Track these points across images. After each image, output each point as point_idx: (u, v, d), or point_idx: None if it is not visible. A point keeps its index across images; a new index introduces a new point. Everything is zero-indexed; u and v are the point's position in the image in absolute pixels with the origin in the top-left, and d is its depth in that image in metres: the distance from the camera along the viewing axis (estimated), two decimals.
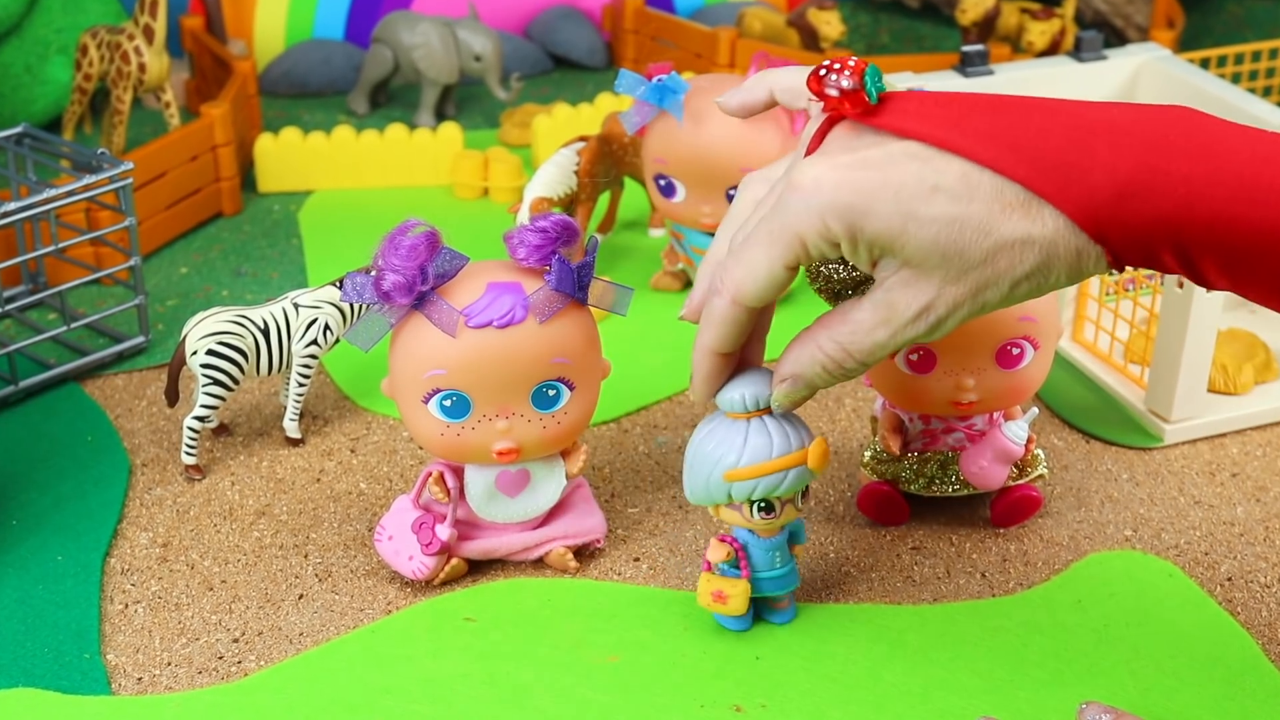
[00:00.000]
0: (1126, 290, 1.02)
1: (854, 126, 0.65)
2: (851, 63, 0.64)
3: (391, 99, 1.42)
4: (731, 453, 0.73)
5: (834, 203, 0.63)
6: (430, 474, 0.80)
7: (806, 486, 0.75)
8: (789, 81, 0.74)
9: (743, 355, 0.73)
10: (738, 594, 0.76)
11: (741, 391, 0.72)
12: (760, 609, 0.79)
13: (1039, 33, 1.40)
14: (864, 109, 0.64)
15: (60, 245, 1.01)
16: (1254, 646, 0.78)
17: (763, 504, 0.74)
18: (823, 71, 0.65)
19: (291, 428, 0.94)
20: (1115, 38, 1.52)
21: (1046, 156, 0.62)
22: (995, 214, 0.62)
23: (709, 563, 0.77)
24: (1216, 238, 0.60)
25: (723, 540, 0.76)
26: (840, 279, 0.74)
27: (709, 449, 0.73)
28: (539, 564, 0.84)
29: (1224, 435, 0.95)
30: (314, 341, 0.91)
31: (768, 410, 0.73)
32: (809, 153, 0.66)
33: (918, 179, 0.62)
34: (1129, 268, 0.64)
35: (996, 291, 0.64)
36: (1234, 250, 0.60)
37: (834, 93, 0.64)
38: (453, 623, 0.79)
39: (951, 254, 0.63)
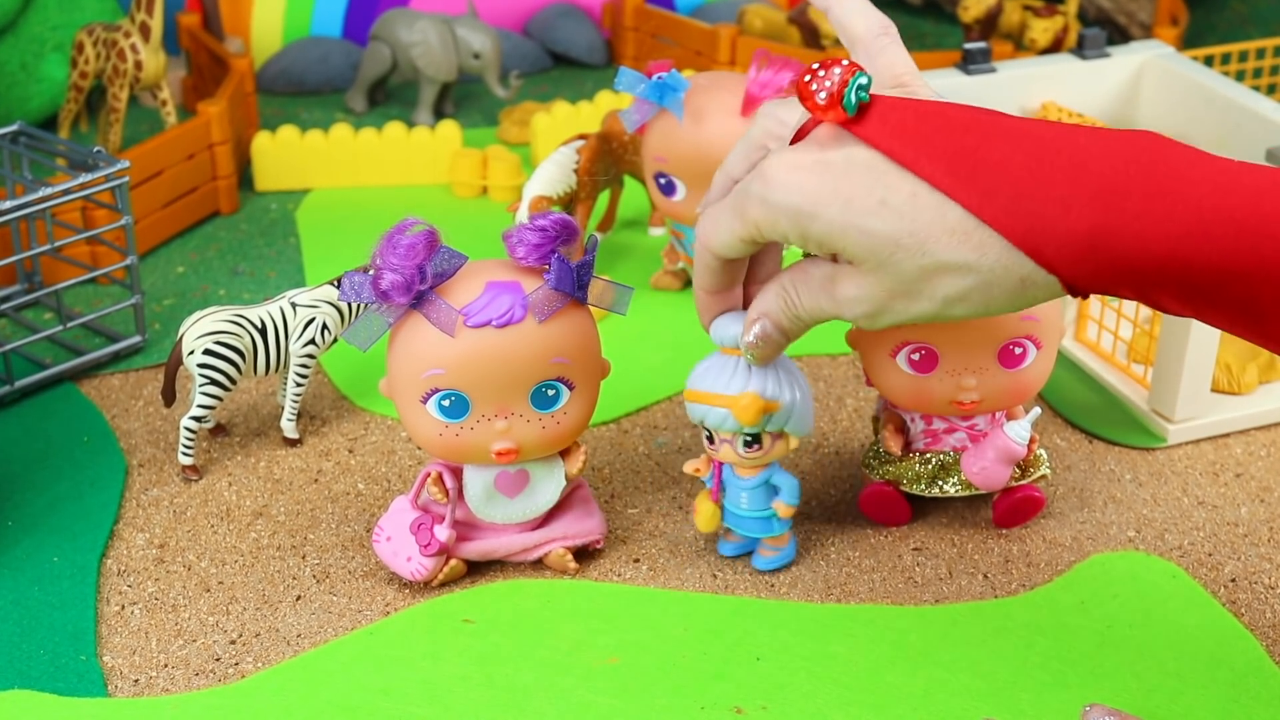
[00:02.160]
0: None
1: (835, 126, 0.67)
2: (837, 71, 0.66)
3: (389, 97, 1.42)
4: (695, 373, 0.78)
5: (785, 202, 0.66)
6: (429, 474, 0.80)
7: (754, 437, 0.78)
8: (854, 27, 0.74)
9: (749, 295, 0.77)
10: (703, 511, 0.81)
11: (726, 329, 0.76)
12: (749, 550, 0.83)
13: (1042, 30, 1.40)
14: (843, 119, 0.66)
15: (56, 244, 1.00)
16: (1258, 648, 0.77)
17: (707, 432, 0.79)
18: (807, 77, 0.66)
19: (289, 428, 0.93)
20: (1118, 35, 1.51)
21: (1002, 187, 0.63)
22: (935, 236, 0.64)
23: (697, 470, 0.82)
24: (1171, 272, 0.61)
25: (710, 461, 0.81)
26: None
27: (695, 367, 0.79)
28: (538, 565, 0.83)
29: (1228, 435, 0.94)
30: (311, 341, 0.91)
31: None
32: (797, 138, 0.69)
33: (867, 191, 0.65)
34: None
35: (928, 305, 0.66)
36: (1189, 283, 0.61)
37: (822, 99, 0.66)
38: (451, 624, 0.79)
39: (888, 266, 0.65)
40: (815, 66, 0.66)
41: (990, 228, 0.63)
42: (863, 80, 0.65)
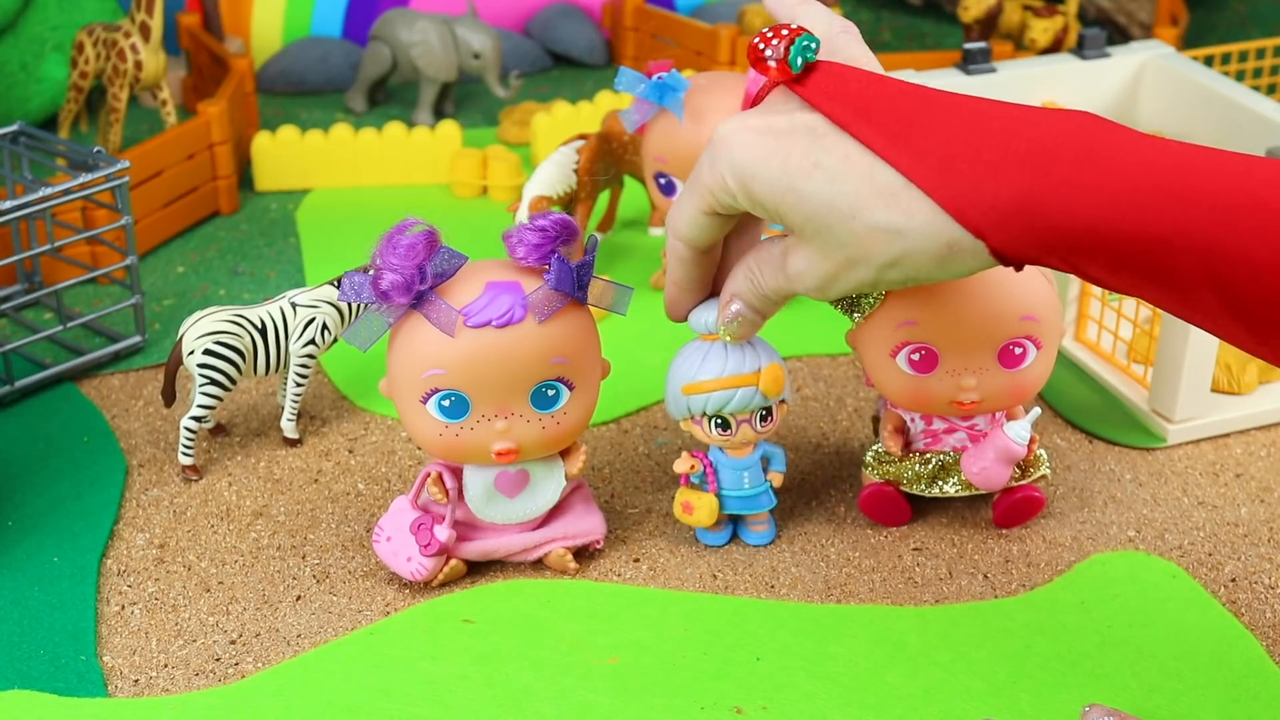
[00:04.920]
0: None
1: (786, 92, 0.69)
2: (785, 32, 0.68)
3: (390, 97, 1.42)
4: (691, 368, 0.79)
5: (732, 162, 0.68)
6: (429, 474, 0.80)
7: (769, 410, 0.80)
8: (815, 29, 0.75)
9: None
10: (703, 506, 0.82)
11: (707, 315, 0.78)
12: (737, 528, 0.85)
13: (1042, 30, 1.40)
14: (790, 77, 0.68)
15: (56, 244, 1.00)
16: (1258, 648, 0.77)
17: (719, 420, 0.80)
18: (757, 41, 0.69)
19: (289, 428, 0.93)
20: (1118, 35, 1.51)
21: (934, 150, 0.64)
22: (864, 198, 0.65)
23: (684, 475, 0.82)
24: (1098, 240, 0.62)
25: (693, 455, 0.82)
26: None
27: (676, 364, 0.80)
28: (538, 565, 0.83)
29: (1228, 435, 0.94)
30: (311, 341, 0.91)
31: None
32: (752, 104, 0.71)
33: (803, 153, 0.66)
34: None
35: (865, 271, 0.67)
36: (1115, 252, 0.62)
37: (772, 63, 0.68)
38: (451, 624, 0.79)
39: (822, 230, 0.67)
40: (766, 31, 0.68)
41: (919, 189, 0.64)
42: (809, 42, 0.68)
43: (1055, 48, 1.40)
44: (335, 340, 0.92)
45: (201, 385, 0.89)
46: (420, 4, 1.46)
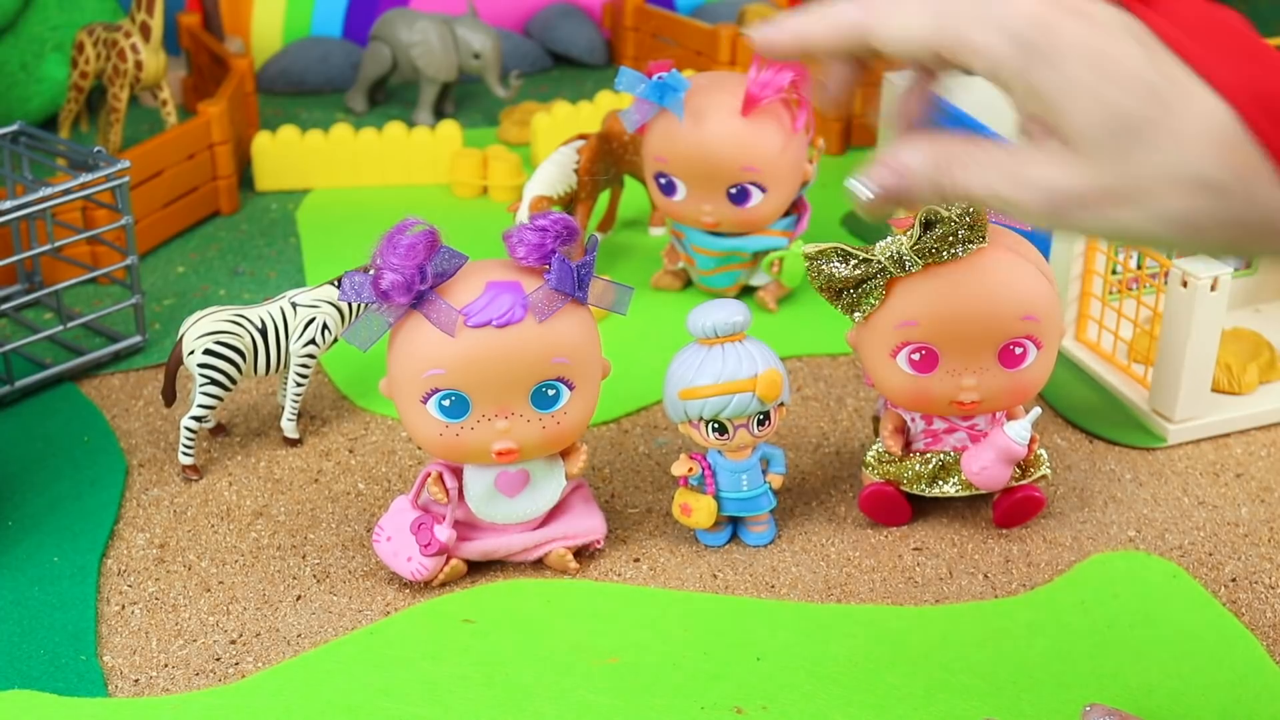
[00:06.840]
0: (1130, 289, 1.02)
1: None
2: None
3: (390, 97, 1.42)
4: (689, 372, 0.79)
5: (1018, 32, 0.53)
6: (429, 474, 0.80)
7: (766, 414, 0.80)
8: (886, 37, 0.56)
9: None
10: (701, 508, 0.83)
11: (705, 319, 0.78)
12: (737, 529, 0.85)
13: None
14: None
15: (56, 244, 1.00)
16: (1258, 647, 0.77)
17: (715, 425, 0.80)
18: None
19: (289, 428, 0.93)
20: None
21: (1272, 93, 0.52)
22: (1193, 139, 0.52)
23: (682, 478, 0.83)
24: None
25: (692, 457, 0.82)
26: (841, 278, 0.78)
27: (674, 368, 0.81)
28: (538, 565, 0.83)
29: (1228, 435, 0.94)
30: (312, 341, 0.91)
31: (731, 338, 0.79)
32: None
33: (1126, 56, 0.52)
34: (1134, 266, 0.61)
35: (1136, 217, 0.53)
36: None
37: None
38: (451, 624, 0.79)
39: (1115, 155, 0.52)
40: None
41: (1269, 157, 0.51)
42: None
43: None
44: (335, 340, 0.92)
45: (202, 385, 0.89)
46: (420, 4, 1.46)
